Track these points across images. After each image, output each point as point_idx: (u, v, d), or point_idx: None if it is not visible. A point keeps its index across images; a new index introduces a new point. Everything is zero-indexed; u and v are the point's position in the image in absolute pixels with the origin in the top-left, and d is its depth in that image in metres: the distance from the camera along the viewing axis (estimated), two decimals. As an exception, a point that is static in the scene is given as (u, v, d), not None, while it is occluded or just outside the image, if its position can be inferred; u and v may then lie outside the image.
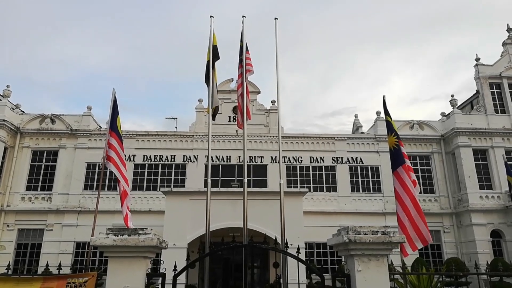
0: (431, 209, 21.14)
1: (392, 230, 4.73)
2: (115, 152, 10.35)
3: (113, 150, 10.34)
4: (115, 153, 10.33)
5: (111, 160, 10.28)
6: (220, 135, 21.83)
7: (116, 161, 10.27)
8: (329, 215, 20.42)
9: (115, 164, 10.21)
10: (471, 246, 19.94)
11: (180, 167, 21.81)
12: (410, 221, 6.93)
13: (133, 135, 21.63)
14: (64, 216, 20.20)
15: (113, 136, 10.48)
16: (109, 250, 4.40)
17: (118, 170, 10.23)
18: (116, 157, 10.30)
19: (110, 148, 10.39)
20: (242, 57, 9.52)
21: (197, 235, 14.91)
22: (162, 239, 4.71)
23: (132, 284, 4.33)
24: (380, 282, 4.52)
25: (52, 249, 19.28)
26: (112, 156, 10.29)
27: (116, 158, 10.29)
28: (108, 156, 10.36)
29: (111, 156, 10.30)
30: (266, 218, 14.25)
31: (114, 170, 10.22)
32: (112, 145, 10.40)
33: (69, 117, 22.19)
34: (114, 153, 10.31)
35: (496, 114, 22.47)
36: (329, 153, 22.38)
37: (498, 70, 23.18)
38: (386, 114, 7.79)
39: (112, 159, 10.27)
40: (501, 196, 20.65)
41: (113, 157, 10.28)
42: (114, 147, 10.37)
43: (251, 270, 5.11)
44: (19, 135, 21.31)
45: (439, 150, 22.68)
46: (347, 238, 4.53)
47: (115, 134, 10.54)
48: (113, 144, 10.40)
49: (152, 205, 20.54)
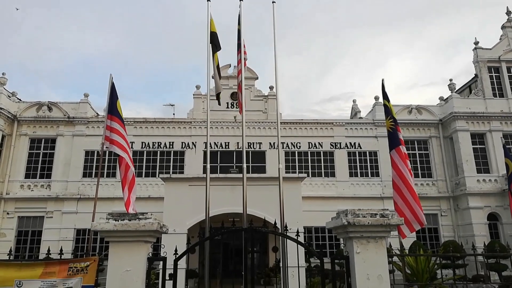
0: (428, 193, 21.29)
1: (390, 212, 4.76)
2: (120, 136, 10.16)
3: (117, 133, 10.14)
4: (121, 137, 10.14)
5: (115, 143, 10.07)
6: (218, 122, 21.79)
7: (123, 145, 10.08)
8: (327, 200, 20.55)
9: (121, 147, 10.00)
10: (468, 229, 20.17)
11: (178, 153, 21.82)
12: (405, 204, 6.99)
13: (131, 122, 21.56)
14: (63, 203, 20.28)
15: (115, 120, 10.32)
16: (110, 235, 4.43)
17: (125, 152, 10.03)
18: (123, 141, 10.12)
19: (113, 132, 10.19)
20: (240, 41, 9.44)
21: (196, 221, 15.00)
22: (163, 223, 4.74)
23: (133, 268, 4.37)
24: (378, 263, 4.57)
25: (53, 236, 19.41)
26: (117, 140, 10.08)
27: (122, 141, 10.10)
28: (111, 140, 10.15)
29: (115, 140, 10.08)
30: (265, 203, 14.32)
31: (121, 153, 9.98)
32: (115, 129, 10.19)
33: (66, 105, 22.08)
34: (118, 136, 10.11)
35: (494, 98, 22.46)
36: (327, 138, 22.41)
37: (497, 53, 23.08)
38: (384, 98, 7.77)
39: (116, 142, 10.07)
40: (498, 179, 20.80)
41: (117, 141, 10.07)
42: (118, 131, 10.18)
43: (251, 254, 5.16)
44: (16, 123, 21.23)
45: (437, 134, 22.73)
46: (346, 220, 4.57)
47: (117, 118, 10.38)
48: (116, 128, 10.21)
49: (152, 191, 20.63)
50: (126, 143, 10.24)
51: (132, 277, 4.34)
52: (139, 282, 4.35)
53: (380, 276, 4.51)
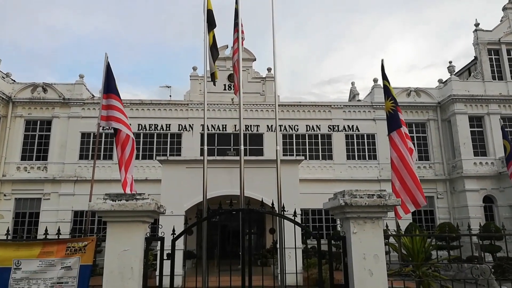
0: (425, 176, 21.40)
1: (387, 193, 4.76)
2: (119, 110, 9.97)
3: (114, 109, 9.96)
4: (119, 112, 9.96)
5: (112, 118, 9.87)
6: (215, 104, 21.66)
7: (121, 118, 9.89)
8: (324, 182, 20.62)
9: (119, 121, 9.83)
10: (464, 211, 20.38)
11: (175, 136, 21.76)
12: (402, 185, 7.00)
13: (127, 104, 21.35)
14: (60, 185, 20.29)
15: (112, 97, 10.12)
16: (108, 215, 4.42)
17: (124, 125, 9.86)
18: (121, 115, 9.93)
19: (110, 108, 10.01)
20: (237, 20, 9.26)
21: (194, 203, 15.03)
22: (160, 204, 4.73)
23: (131, 247, 4.37)
24: (375, 243, 4.60)
25: (50, 217, 19.48)
26: (114, 115, 9.87)
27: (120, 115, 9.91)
28: (108, 116, 9.96)
29: (112, 115, 9.88)
30: (262, 186, 14.34)
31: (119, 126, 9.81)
32: (112, 105, 10.00)
33: (61, 86, 21.86)
34: (116, 111, 9.93)
35: (493, 81, 22.38)
36: (325, 121, 22.36)
37: (497, 35, 22.88)
38: (384, 78, 7.69)
39: (114, 117, 9.87)
40: (495, 162, 20.92)
41: (115, 116, 9.87)
42: (116, 107, 10.00)
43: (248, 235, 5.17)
44: (11, 104, 21.04)
45: (435, 117, 22.72)
46: (343, 201, 4.57)
47: (114, 95, 10.19)
48: (113, 104, 10.04)
49: (149, 174, 20.65)
50: (124, 116, 10.08)
51: (130, 256, 4.34)
52: (137, 262, 4.36)
53: (376, 255, 4.54)
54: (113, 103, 10.10)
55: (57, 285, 4.38)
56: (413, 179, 6.86)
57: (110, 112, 10.02)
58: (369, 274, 4.47)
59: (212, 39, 9.60)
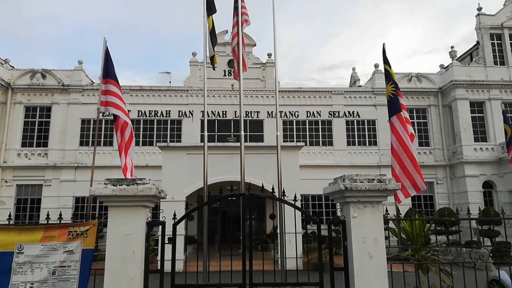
0: (425, 162, 21.44)
1: (387, 178, 4.77)
2: (116, 96, 9.93)
3: (112, 95, 9.92)
4: (117, 98, 9.91)
5: (110, 104, 9.84)
6: (215, 90, 21.57)
7: (118, 104, 9.86)
8: (324, 168, 20.66)
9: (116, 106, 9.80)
10: (463, 197, 20.48)
11: (175, 122, 21.73)
12: (402, 169, 7.01)
13: (127, 90, 21.29)
14: (61, 172, 20.36)
15: (110, 82, 10.07)
16: (109, 200, 4.44)
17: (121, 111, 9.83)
18: (118, 100, 9.89)
19: (108, 94, 9.97)
20: (237, 4, 9.15)
21: (194, 189, 15.11)
22: (161, 189, 4.75)
23: (133, 231, 4.41)
24: (374, 227, 4.63)
25: (52, 203, 19.60)
26: (111, 100, 9.85)
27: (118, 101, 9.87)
28: (106, 102, 9.94)
29: (110, 101, 9.85)
30: (263, 172, 14.39)
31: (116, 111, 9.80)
32: (110, 90, 9.96)
33: (60, 72, 21.75)
34: (113, 97, 9.88)
35: (495, 66, 22.23)
36: (325, 107, 22.30)
37: (500, 20, 22.64)
38: (385, 62, 7.63)
39: (112, 102, 9.84)
40: (495, 148, 20.93)
41: (112, 101, 9.84)
42: (114, 92, 9.96)
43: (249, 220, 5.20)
44: (10, 91, 20.96)
45: (436, 103, 22.64)
46: (343, 186, 4.58)
47: (112, 80, 10.13)
48: (111, 89, 9.99)
49: (149, 160, 20.69)
50: (122, 102, 10.03)
51: (131, 240, 4.38)
52: (139, 246, 4.40)
53: (376, 239, 4.58)
54: (111, 88, 10.03)
55: (59, 269, 4.42)
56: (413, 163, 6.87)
57: (108, 97, 9.97)
58: (368, 258, 4.51)
59: (212, 24, 9.50)
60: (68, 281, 4.41)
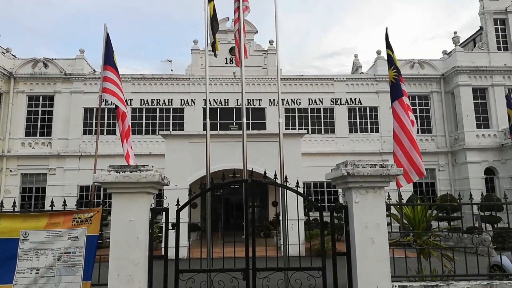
0: (427, 148, 21.41)
1: (389, 163, 4.79)
2: (113, 83, 9.89)
3: (109, 81, 9.90)
4: (114, 84, 9.88)
5: (107, 91, 9.84)
6: (217, 78, 21.49)
7: (115, 91, 9.84)
8: (326, 156, 20.66)
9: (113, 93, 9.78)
10: (465, 183, 20.50)
11: (178, 110, 21.71)
12: (405, 155, 7.01)
13: (128, 79, 21.26)
14: (65, 161, 20.47)
15: (108, 69, 10.04)
16: (112, 187, 4.47)
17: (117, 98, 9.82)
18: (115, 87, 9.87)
19: (106, 80, 9.96)
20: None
21: (197, 177, 15.17)
22: (164, 175, 4.77)
23: (136, 218, 4.45)
24: (376, 212, 4.66)
25: (56, 192, 19.74)
26: (109, 87, 9.83)
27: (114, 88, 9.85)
28: (104, 88, 9.94)
29: (107, 88, 9.85)
30: (265, 159, 14.38)
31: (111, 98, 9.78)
32: (108, 77, 9.96)
33: (62, 61, 21.69)
34: (110, 84, 9.86)
35: (498, 52, 22.00)
36: (327, 94, 22.21)
37: (504, 4, 22.33)
38: (387, 47, 7.56)
39: (109, 90, 9.83)
40: (497, 134, 20.86)
41: (109, 88, 9.83)
42: (111, 79, 9.93)
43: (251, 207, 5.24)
44: (12, 80, 20.96)
45: (439, 89, 22.50)
46: (346, 171, 4.61)
47: (110, 67, 10.09)
48: (109, 76, 9.98)
49: (152, 148, 20.76)
50: (119, 90, 10.01)
51: (136, 226, 4.43)
52: (143, 231, 4.45)
53: (378, 224, 4.62)
54: (108, 75, 9.99)
55: (64, 255, 4.48)
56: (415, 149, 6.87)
57: (105, 84, 9.95)
58: (370, 242, 4.56)
59: (213, 10, 9.40)
60: (73, 267, 4.47)
